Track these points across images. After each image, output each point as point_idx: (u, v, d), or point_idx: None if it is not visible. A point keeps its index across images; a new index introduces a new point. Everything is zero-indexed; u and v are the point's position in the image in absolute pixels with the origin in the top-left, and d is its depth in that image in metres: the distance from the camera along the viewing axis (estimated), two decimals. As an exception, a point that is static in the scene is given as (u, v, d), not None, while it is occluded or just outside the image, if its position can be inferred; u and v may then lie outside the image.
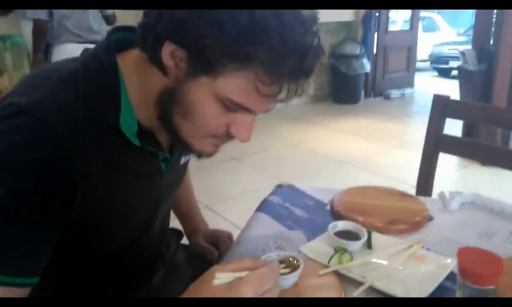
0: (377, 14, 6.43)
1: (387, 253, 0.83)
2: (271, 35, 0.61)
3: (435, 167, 1.45)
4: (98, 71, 0.69)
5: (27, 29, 3.43)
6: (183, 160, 0.89)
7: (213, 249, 1.08)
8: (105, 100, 0.68)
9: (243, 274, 0.60)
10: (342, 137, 4.72)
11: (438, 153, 1.43)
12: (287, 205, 1.09)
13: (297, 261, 0.74)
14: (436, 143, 1.41)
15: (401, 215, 1.00)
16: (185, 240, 1.14)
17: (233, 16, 0.60)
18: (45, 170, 0.61)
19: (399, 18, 7.28)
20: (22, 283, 0.61)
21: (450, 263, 0.79)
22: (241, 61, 0.63)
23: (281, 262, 0.73)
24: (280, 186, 1.21)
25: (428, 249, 0.87)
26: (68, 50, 3.04)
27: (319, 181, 1.21)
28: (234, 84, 0.65)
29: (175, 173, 0.89)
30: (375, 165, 3.80)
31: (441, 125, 1.42)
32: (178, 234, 1.11)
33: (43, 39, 3.19)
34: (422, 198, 1.11)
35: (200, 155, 0.75)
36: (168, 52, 0.65)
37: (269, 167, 3.60)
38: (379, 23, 6.49)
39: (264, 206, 1.08)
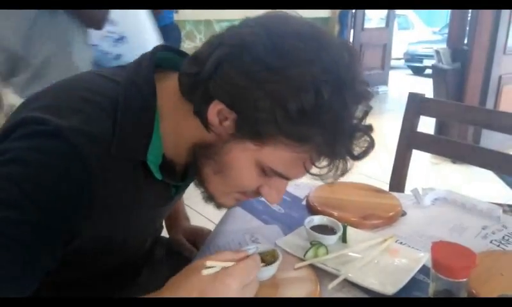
0: (353, 11, 6.49)
1: (361, 247, 0.84)
2: (331, 118, 0.58)
3: (408, 164, 1.47)
4: (137, 103, 0.65)
5: None
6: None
7: (192, 248, 1.06)
8: (138, 137, 0.65)
9: (230, 264, 0.60)
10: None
11: (411, 150, 1.46)
12: (262, 200, 1.09)
13: (275, 254, 0.74)
14: (409, 140, 1.44)
15: (375, 210, 1.01)
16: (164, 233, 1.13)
17: (298, 95, 0.57)
18: (65, 199, 0.58)
19: (374, 16, 7.37)
20: None
21: (423, 257, 0.80)
22: (297, 140, 0.60)
23: (259, 254, 0.74)
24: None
25: (401, 243, 0.89)
26: None
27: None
28: (282, 156, 0.62)
29: (180, 194, 0.87)
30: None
31: (415, 123, 1.44)
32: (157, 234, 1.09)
33: None
34: (395, 194, 1.13)
35: (219, 207, 0.75)
36: (216, 110, 0.62)
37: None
38: (355, 20, 6.56)
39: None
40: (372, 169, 3.47)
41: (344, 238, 0.87)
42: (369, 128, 0.65)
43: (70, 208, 0.59)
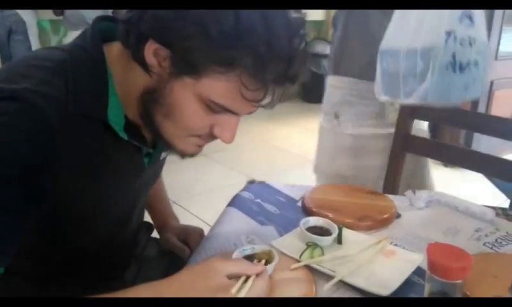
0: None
1: (357, 248, 0.84)
2: (256, 39, 0.59)
3: (402, 167, 1.48)
4: (87, 64, 0.67)
5: None
6: (163, 155, 0.88)
7: (184, 246, 1.06)
8: (93, 94, 0.67)
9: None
10: (310, 135, 4.76)
11: (405, 153, 1.47)
12: (258, 201, 1.09)
13: (271, 255, 0.74)
14: (403, 143, 1.45)
15: (370, 212, 1.02)
16: (155, 234, 1.13)
17: (218, 18, 0.59)
18: (31, 155, 0.59)
19: None
20: None
21: (418, 259, 0.81)
22: (225, 65, 0.61)
23: (255, 255, 0.75)
24: (251, 182, 1.21)
25: (396, 244, 0.89)
26: None
27: (288, 179, 1.23)
28: (218, 86, 0.64)
29: (155, 168, 0.88)
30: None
31: (409, 126, 1.46)
32: (148, 227, 1.09)
33: None
34: (389, 196, 1.14)
35: (182, 154, 0.74)
36: (151, 50, 0.63)
37: (238, 164, 3.59)
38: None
39: (235, 202, 1.08)
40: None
41: (339, 240, 0.88)
42: (304, 53, 0.65)
43: (36, 166, 0.60)
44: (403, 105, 1.29)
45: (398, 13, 1.12)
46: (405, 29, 1.09)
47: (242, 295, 0.61)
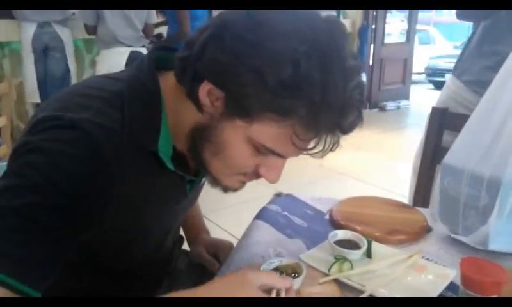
0: (373, 26, 6.49)
1: (387, 263, 0.83)
2: (313, 89, 0.59)
3: (432, 179, 1.45)
4: (143, 96, 0.69)
5: (27, 32, 3.40)
6: (203, 180, 0.89)
7: (214, 261, 1.06)
8: (147, 126, 0.68)
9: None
10: (338, 148, 4.73)
11: (436, 165, 1.44)
12: (286, 214, 1.09)
13: (299, 268, 0.74)
14: (433, 155, 1.42)
15: (400, 225, 1.00)
16: (185, 245, 1.13)
17: (276, 67, 0.59)
18: (85, 184, 0.61)
19: (394, 31, 7.35)
20: (26, 293, 0.56)
21: (451, 273, 0.79)
22: (280, 113, 0.61)
23: (284, 268, 0.74)
24: (278, 195, 1.21)
25: (428, 259, 0.87)
26: (116, 54, 3.11)
27: (314, 192, 1.23)
28: (269, 132, 0.64)
29: (195, 192, 0.89)
30: (370, 177, 3.80)
31: (439, 138, 1.43)
32: (179, 240, 1.10)
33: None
34: (420, 209, 1.12)
35: (226, 189, 0.75)
36: (206, 90, 0.64)
37: (265, 177, 3.56)
38: (375, 35, 6.55)
39: (262, 214, 1.08)
40: (394, 184, 3.44)
41: (368, 254, 0.86)
42: (359, 102, 0.65)
43: (89, 193, 0.61)
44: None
45: (470, 125, 0.95)
46: (474, 146, 0.92)
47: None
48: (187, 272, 1.05)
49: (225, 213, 2.72)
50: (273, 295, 0.63)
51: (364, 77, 0.67)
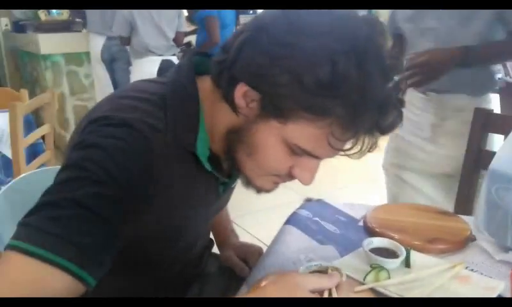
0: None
1: (427, 273, 0.77)
2: (351, 89, 0.58)
3: (476, 185, 1.37)
4: (183, 98, 0.71)
5: (96, 43, 3.64)
6: (234, 183, 0.89)
7: (244, 265, 1.05)
8: (187, 127, 0.70)
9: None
10: (369, 153, 4.63)
11: (479, 170, 1.36)
12: (317, 219, 1.05)
13: (339, 272, 0.69)
14: (476, 159, 1.34)
15: (442, 234, 0.93)
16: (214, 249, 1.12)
17: (313, 66, 0.58)
18: (138, 177, 0.63)
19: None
20: (85, 279, 0.57)
21: (498, 285, 0.72)
22: (317, 114, 0.61)
23: (322, 271, 0.71)
24: (308, 200, 1.17)
25: (472, 270, 0.81)
26: (148, 63, 3.24)
27: (345, 198, 1.18)
28: (305, 132, 0.63)
29: (226, 195, 0.90)
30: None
31: (483, 141, 1.35)
32: (209, 243, 1.09)
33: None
34: (462, 217, 1.05)
35: (259, 190, 0.75)
36: (241, 92, 0.65)
37: (292, 182, 3.53)
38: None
39: (293, 220, 1.05)
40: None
41: (407, 263, 0.80)
42: (399, 101, 0.63)
43: (141, 186, 0.64)
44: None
45: None
46: None
47: None
48: (216, 275, 1.04)
49: (253, 218, 2.70)
50: (325, 296, 0.61)
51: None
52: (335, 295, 0.62)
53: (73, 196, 0.58)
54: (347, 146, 0.65)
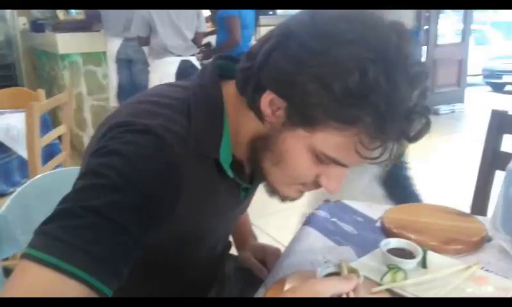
0: (425, 27, 6.29)
1: (444, 273, 0.79)
2: (379, 97, 0.58)
3: (491, 186, 1.38)
4: (206, 104, 0.70)
5: (114, 45, 3.72)
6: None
7: (262, 267, 1.06)
8: (210, 134, 0.70)
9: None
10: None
11: (495, 171, 1.37)
12: (334, 220, 1.07)
13: (356, 273, 0.71)
14: (492, 160, 1.35)
15: (458, 234, 0.95)
16: (233, 250, 1.13)
17: (342, 74, 0.58)
18: (159, 185, 0.62)
19: (448, 31, 7.07)
20: (99, 289, 0.55)
21: (513, 286, 0.74)
22: (345, 122, 0.60)
23: (338, 273, 0.72)
24: (326, 201, 1.19)
25: (488, 270, 0.83)
26: (167, 64, 3.24)
27: (363, 199, 1.20)
28: (333, 141, 0.63)
29: (247, 200, 0.90)
30: (423, 184, 3.67)
31: (499, 142, 1.36)
32: (227, 244, 1.10)
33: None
34: (478, 217, 1.06)
35: (283, 199, 0.74)
36: (268, 100, 0.65)
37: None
38: (428, 36, 6.34)
39: (311, 221, 1.07)
40: (449, 192, 3.30)
41: (424, 264, 0.82)
42: (426, 110, 0.62)
43: (163, 194, 0.63)
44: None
45: None
46: None
47: None
48: (235, 276, 1.05)
49: (271, 219, 2.71)
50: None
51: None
52: (352, 295, 0.62)
53: (91, 204, 0.57)
54: (375, 154, 0.63)
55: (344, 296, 0.62)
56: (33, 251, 0.54)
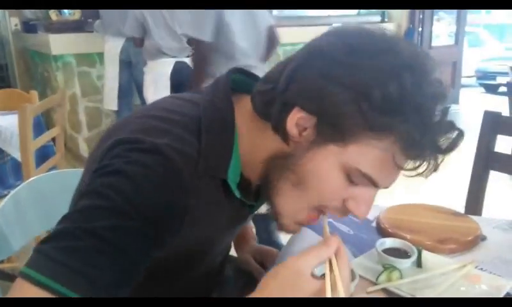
0: (420, 29, 6.32)
1: (438, 272, 0.80)
2: (415, 106, 0.58)
3: (485, 186, 1.39)
4: (218, 123, 0.68)
5: (116, 45, 3.65)
6: None
7: (261, 269, 1.05)
8: (220, 155, 0.67)
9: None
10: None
11: (489, 171, 1.38)
12: (330, 221, 1.07)
13: (352, 273, 0.72)
14: (486, 161, 1.36)
15: (452, 234, 0.96)
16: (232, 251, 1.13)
17: (381, 83, 0.57)
18: (163, 210, 0.60)
19: (442, 33, 7.11)
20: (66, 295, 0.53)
21: (507, 284, 0.75)
22: (380, 131, 0.59)
23: None
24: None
25: (482, 269, 0.84)
26: (161, 65, 3.13)
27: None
28: (368, 154, 0.60)
29: (252, 214, 0.88)
30: (418, 185, 3.69)
31: (492, 142, 1.37)
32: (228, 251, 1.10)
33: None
34: (473, 217, 1.07)
35: (280, 228, 0.72)
36: (295, 119, 0.62)
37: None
38: (422, 37, 6.37)
39: (307, 221, 1.07)
40: (444, 192, 3.32)
41: (418, 263, 0.83)
42: (453, 124, 0.62)
43: (166, 218, 0.61)
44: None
45: None
46: None
47: (341, 294, 0.58)
48: (234, 278, 1.05)
49: (269, 220, 2.71)
50: (327, 269, 0.60)
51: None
52: (336, 268, 0.60)
53: (92, 227, 0.55)
54: (414, 164, 0.62)
55: (327, 265, 0.60)
56: (28, 269, 0.53)
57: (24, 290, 0.53)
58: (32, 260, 0.54)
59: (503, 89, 8.62)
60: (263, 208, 0.79)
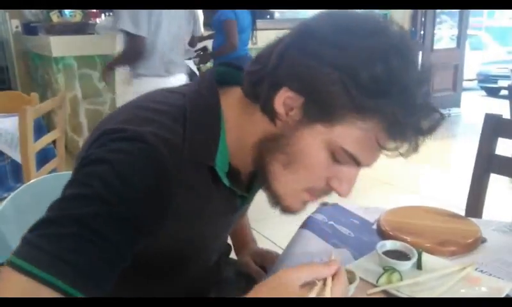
0: (422, 32, 6.33)
1: (438, 274, 0.80)
2: (401, 87, 0.59)
3: (486, 188, 1.39)
4: (203, 111, 0.69)
5: None
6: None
7: (261, 271, 1.06)
8: (206, 142, 0.68)
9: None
10: (384, 157, 4.63)
11: (489, 173, 1.38)
12: (331, 223, 1.07)
13: (352, 275, 0.72)
14: (487, 163, 1.36)
15: (452, 236, 0.96)
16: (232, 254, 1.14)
17: (369, 65, 0.58)
18: (147, 197, 0.61)
19: (444, 36, 7.11)
20: (72, 294, 0.54)
21: (506, 286, 0.75)
22: (366, 112, 0.60)
23: None
24: (324, 204, 1.19)
25: (482, 271, 0.84)
26: (152, 84, 2.83)
27: (360, 202, 1.19)
28: (352, 134, 0.62)
29: (245, 207, 0.89)
30: (419, 187, 3.69)
31: (493, 145, 1.37)
32: (226, 249, 1.10)
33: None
34: (473, 219, 1.07)
35: (286, 210, 0.72)
36: (283, 98, 0.63)
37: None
38: (424, 40, 6.38)
39: (308, 224, 1.07)
40: (445, 194, 3.32)
41: (419, 265, 0.83)
42: (434, 107, 0.64)
43: (150, 206, 0.62)
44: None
45: None
46: None
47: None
48: (233, 280, 1.05)
49: (270, 222, 2.71)
50: (317, 289, 0.58)
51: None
52: (329, 284, 0.59)
53: (75, 214, 0.56)
54: (393, 145, 0.64)
55: (319, 284, 0.60)
56: (15, 258, 0.54)
57: (8, 277, 0.54)
58: (18, 248, 0.56)
59: (504, 92, 8.61)
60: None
